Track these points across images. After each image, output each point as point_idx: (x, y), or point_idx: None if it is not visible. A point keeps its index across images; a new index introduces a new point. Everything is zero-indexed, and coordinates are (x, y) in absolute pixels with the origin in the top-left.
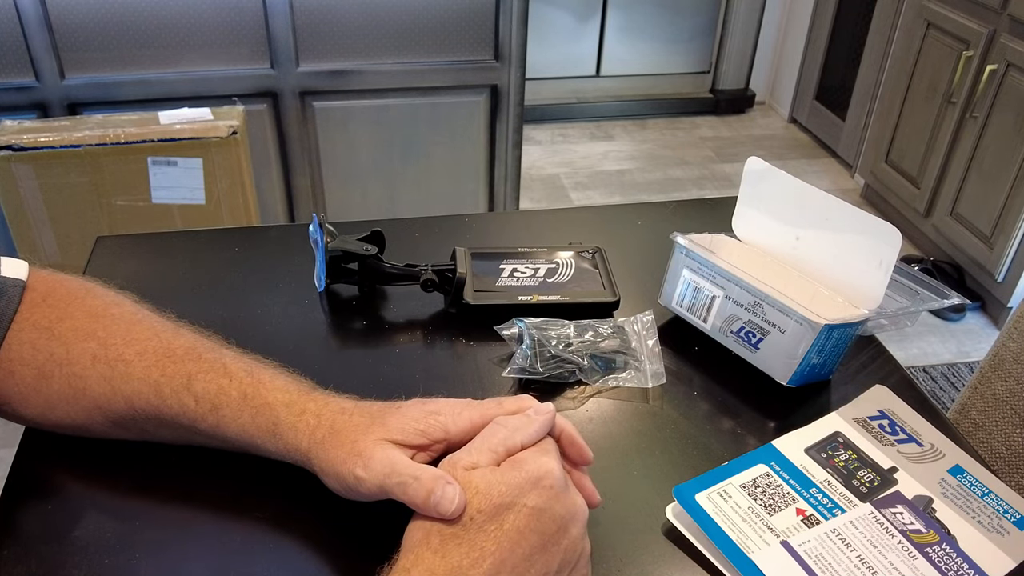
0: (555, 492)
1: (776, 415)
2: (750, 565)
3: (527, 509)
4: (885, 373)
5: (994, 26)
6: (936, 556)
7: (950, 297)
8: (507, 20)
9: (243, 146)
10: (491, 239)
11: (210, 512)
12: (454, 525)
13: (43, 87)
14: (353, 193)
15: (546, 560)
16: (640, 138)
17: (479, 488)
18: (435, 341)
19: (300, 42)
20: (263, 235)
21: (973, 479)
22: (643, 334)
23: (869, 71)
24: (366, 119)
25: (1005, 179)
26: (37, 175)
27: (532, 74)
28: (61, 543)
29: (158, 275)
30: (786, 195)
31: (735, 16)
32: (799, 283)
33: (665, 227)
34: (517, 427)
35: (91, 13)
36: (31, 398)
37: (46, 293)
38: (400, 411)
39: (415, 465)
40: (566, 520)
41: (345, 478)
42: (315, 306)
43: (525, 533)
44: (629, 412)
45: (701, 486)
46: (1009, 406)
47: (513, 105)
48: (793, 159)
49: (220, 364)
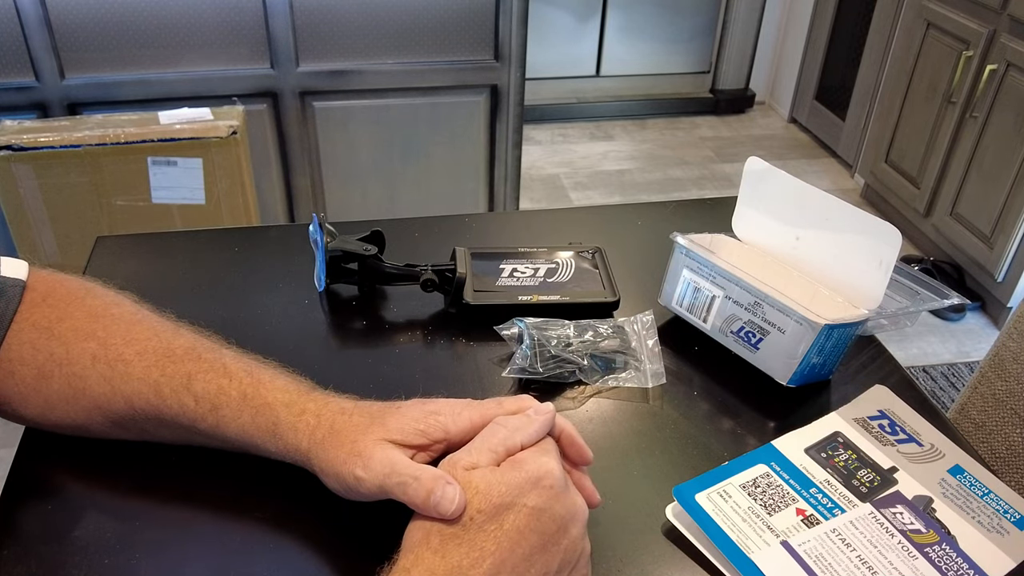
0: (555, 492)
1: (776, 415)
2: (750, 565)
3: (527, 509)
4: (885, 373)
5: (994, 26)
6: (936, 556)
7: (950, 297)
8: (507, 20)
9: (243, 146)
10: (491, 239)
11: (210, 512)
12: (454, 525)
13: (43, 87)
14: (353, 193)
15: (546, 560)
16: (640, 138)
17: (479, 488)
18: (435, 341)
19: (300, 42)
20: (263, 235)
21: (973, 479)
22: (643, 334)
23: (869, 71)
24: (366, 119)
25: (1005, 179)
26: (37, 175)
27: (532, 74)
28: (61, 543)
29: (158, 275)
30: (786, 195)
31: (735, 16)
32: (799, 283)
33: (665, 227)
34: (517, 427)
35: (91, 13)
36: (31, 398)
37: (46, 293)
38: (400, 411)
39: (415, 465)
40: (566, 520)
41: (345, 478)
42: (315, 306)
43: (525, 533)
44: (629, 412)
45: (701, 486)
46: (1009, 406)
47: (513, 105)
48: (793, 159)
49: (220, 364)
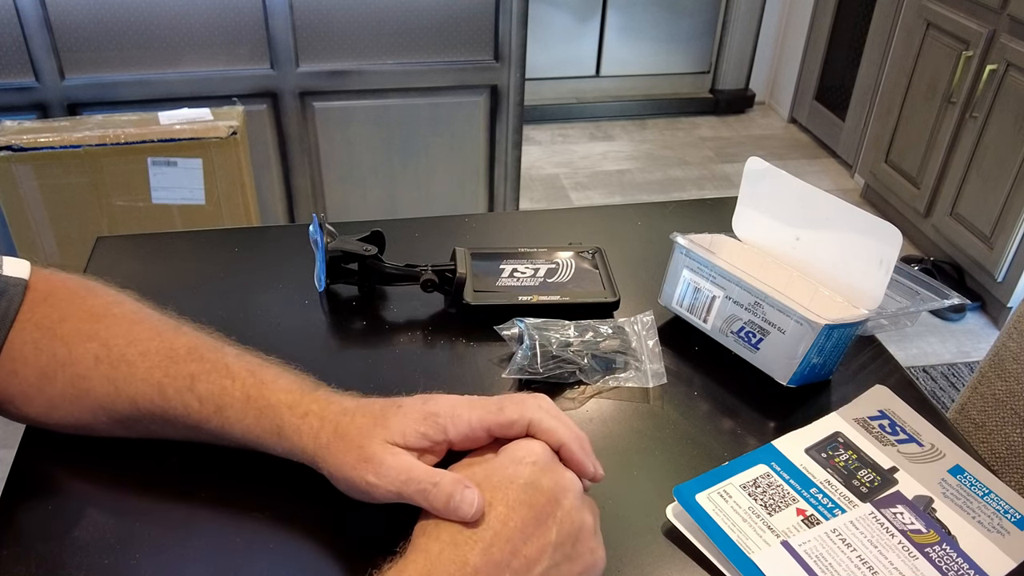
0: (539, 467)
1: (776, 415)
2: (750, 565)
3: (514, 485)
4: (885, 373)
5: (994, 26)
6: (936, 556)
7: (950, 297)
8: (507, 20)
9: (243, 146)
10: (491, 239)
11: (210, 512)
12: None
13: (43, 87)
14: (353, 193)
15: (542, 533)
16: (640, 138)
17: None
18: (435, 341)
19: (300, 42)
20: (263, 235)
21: (973, 479)
22: (643, 334)
23: (869, 71)
24: (366, 119)
25: (1005, 179)
26: (37, 175)
27: (532, 74)
28: (61, 543)
29: (158, 275)
30: (786, 195)
31: (735, 16)
32: (799, 283)
33: (665, 227)
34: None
35: (91, 13)
36: (34, 398)
37: (48, 293)
38: (401, 411)
39: (432, 471)
40: (556, 492)
41: (356, 484)
42: (315, 306)
43: (515, 506)
44: (629, 412)
45: (701, 486)
46: (1009, 406)
47: (513, 105)
48: (793, 159)
49: (223, 364)
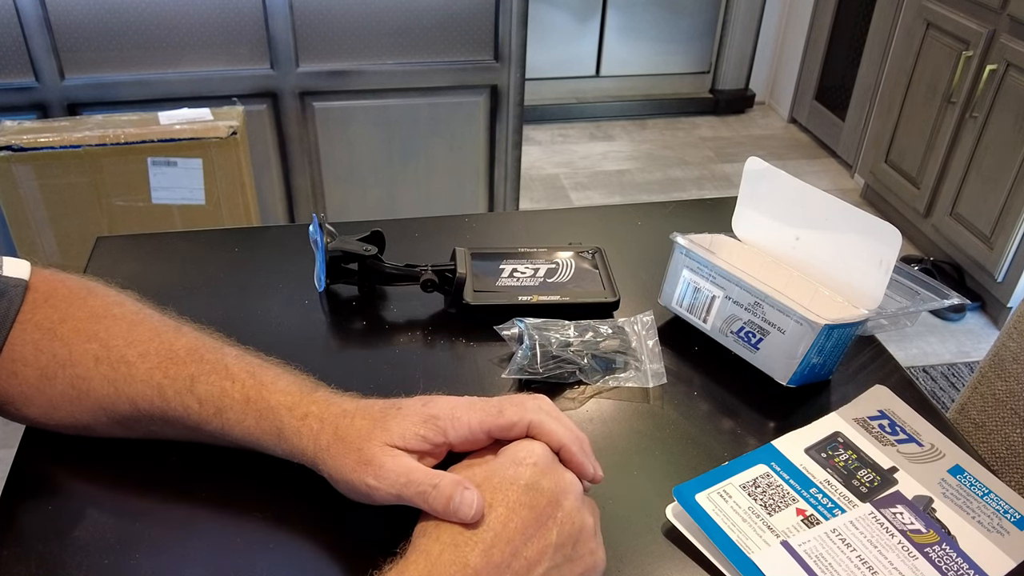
0: (539, 468)
1: (776, 415)
2: (750, 565)
3: (514, 487)
4: (885, 373)
5: (994, 26)
6: (936, 556)
7: (950, 297)
8: (507, 20)
9: (243, 146)
10: (491, 239)
11: (210, 512)
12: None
13: (43, 87)
14: (353, 193)
15: (543, 534)
16: (640, 138)
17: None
18: (435, 341)
19: (300, 42)
20: (263, 235)
21: (973, 479)
22: (643, 334)
23: (869, 71)
24: (366, 119)
25: (1005, 179)
26: (37, 175)
27: (532, 74)
28: (61, 543)
29: (158, 275)
30: (786, 195)
31: (735, 16)
32: (799, 283)
33: (665, 227)
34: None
35: (91, 13)
36: (34, 399)
37: (48, 293)
38: (401, 412)
39: (431, 473)
40: (556, 493)
41: (357, 486)
42: (315, 306)
43: (515, 508)
44: (629, 412)
45: (701, 486)
46: (1009, 406)
47: (513, 105)
48: (793, 159)
49: (222, 365)
